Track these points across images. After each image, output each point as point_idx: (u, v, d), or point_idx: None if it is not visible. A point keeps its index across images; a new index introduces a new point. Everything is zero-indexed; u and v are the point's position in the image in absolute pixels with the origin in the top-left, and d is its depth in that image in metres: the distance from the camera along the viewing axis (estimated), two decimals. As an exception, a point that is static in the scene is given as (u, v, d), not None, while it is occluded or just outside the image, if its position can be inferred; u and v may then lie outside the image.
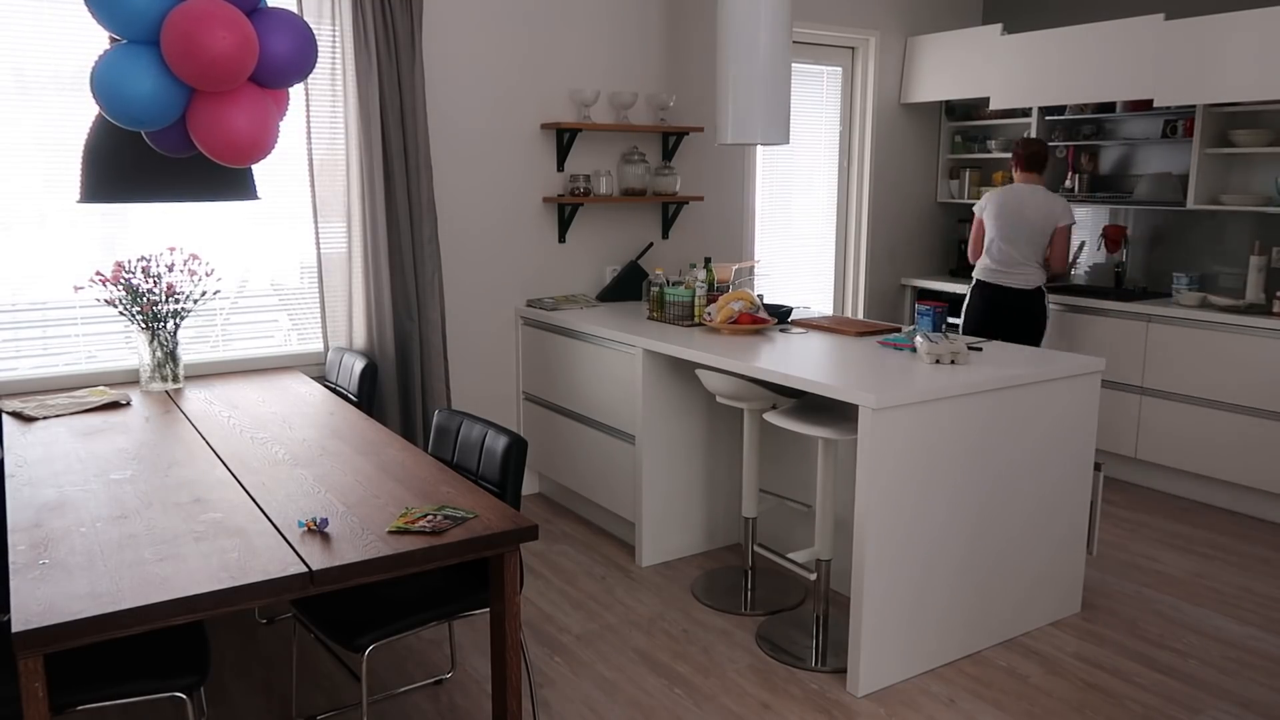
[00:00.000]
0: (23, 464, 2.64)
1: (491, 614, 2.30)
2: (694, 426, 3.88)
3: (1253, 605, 3.52)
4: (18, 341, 3.50)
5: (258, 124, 2.31)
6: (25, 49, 3.36)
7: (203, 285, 3.75)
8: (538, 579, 3.73)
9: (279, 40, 2.33)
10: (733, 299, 3.77)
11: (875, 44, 5.56)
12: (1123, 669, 3.06)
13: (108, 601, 1.79)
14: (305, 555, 2.01)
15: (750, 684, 2.96)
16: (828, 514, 3.11)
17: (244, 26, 2.20)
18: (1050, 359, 3.24)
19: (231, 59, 2.18)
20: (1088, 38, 4.93)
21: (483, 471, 2.63)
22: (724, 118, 3.89)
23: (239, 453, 2.74)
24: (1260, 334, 4.26)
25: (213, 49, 2.14)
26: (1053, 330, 5.07)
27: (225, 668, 3.05)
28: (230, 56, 2.17)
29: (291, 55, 2.35)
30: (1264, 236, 4.73)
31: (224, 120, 2.27)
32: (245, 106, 2.29)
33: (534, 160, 4.48)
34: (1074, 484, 3.32)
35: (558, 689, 2.94)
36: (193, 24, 2.13)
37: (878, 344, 3.52)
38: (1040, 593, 3.30)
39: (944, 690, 2.93)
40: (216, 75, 2.19)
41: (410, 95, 3.94)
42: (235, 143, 2.29)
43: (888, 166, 5.76)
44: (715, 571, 3.79)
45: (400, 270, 4.03)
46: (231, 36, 2.16)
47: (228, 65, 2.18)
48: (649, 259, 4.89)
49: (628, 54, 4.68)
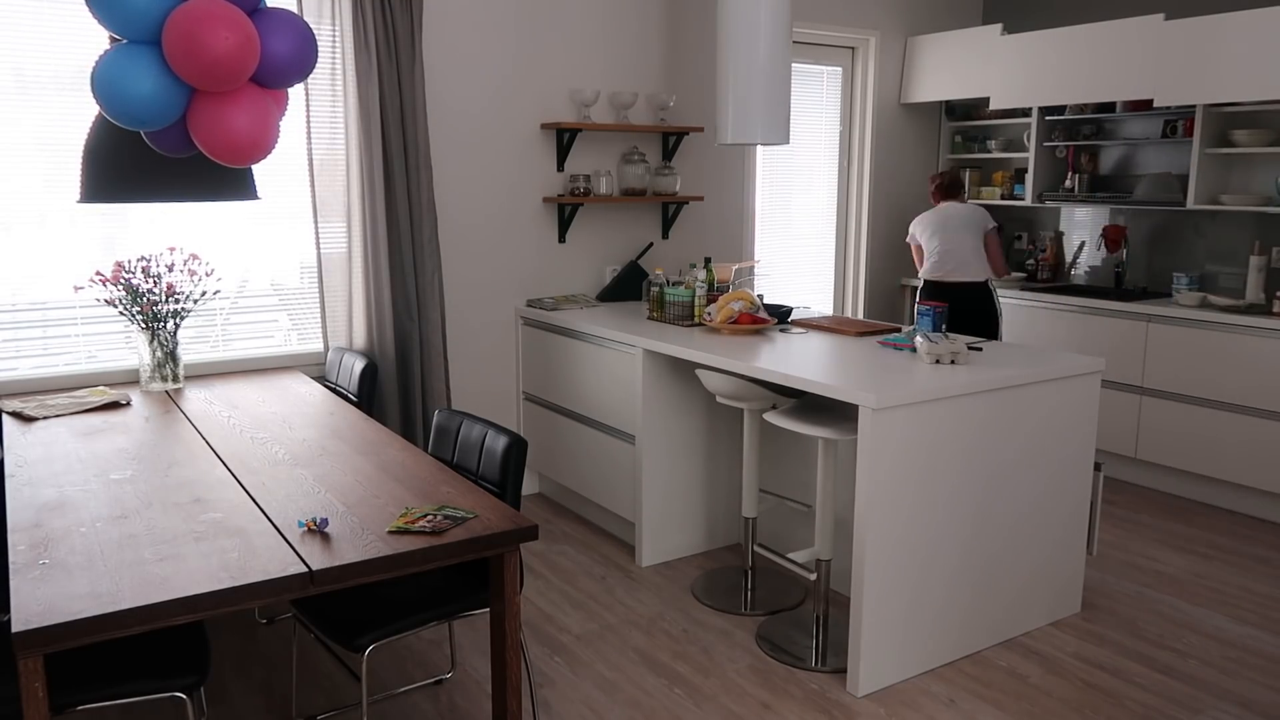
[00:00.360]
0: (23, 464, 2.64)
1: (491, 614, 2.30)
2: (694, 426, 3.88)
3: (1253, 605, 3.52)
4: (18, 341, 3.50)
5: (258, 124, 2.31)
6: (25, 49, 3.36)
7: (203, 285, 3.75)
8: (538, 579, 3.73)
9: (280, 40, 2.33)
10: (733, 299, 3.77)
11: (875, 44, 5.56)
12: (1123, 669, 3.06)
13: (108, 601, 1.79)
14: (305, 555, 2.01)
15: (750, 684, 2.97)
16: (828, 514, 3.11)
17: (246, 26, 2.20)
18: (1050, 359, 3.25)
19: (233, 59, 2.18)
20: (1087, 38, 4.93)
21: (483, 471, 2.63)
22: (724, 118, 3.89)
23: (239, 453, 2.74)
24: (1260, 334, 4.27)
25: (215, 49, 2.14)
26: (1053, 330, 5.08)
27: (225, 668, 3.05)
28: (232, 57, 2.17)
29: (292, 55, 2.35)
30: (1264, 236, 4.74)
31: (225, 120, 2.27)
32: (246, 106, 2.29)
33: (534, 160, 4.48)
34: (1074, 484, 3.32)
35: (558, 689, 2.94)
36: (195, 24, 2.13)
37: (878, 344, 3.52)
38: (1040, 593, 3.30)
39: (944, 690, 2.93)
40: (218, 75, 2.19)
41: (410, 95, 3.94)
42: (236, 143, 2.29)
43: (887, 166, 5.76)
44: (715, 571, 3.79)
45: (400, 270, 4.03)
46: (234, 37, 2.16)
47: (230, 65, 2.18)
48: (649, 259, 4.89)
49: (628, 54, 4.68)
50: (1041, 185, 5.45)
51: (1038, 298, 5.16)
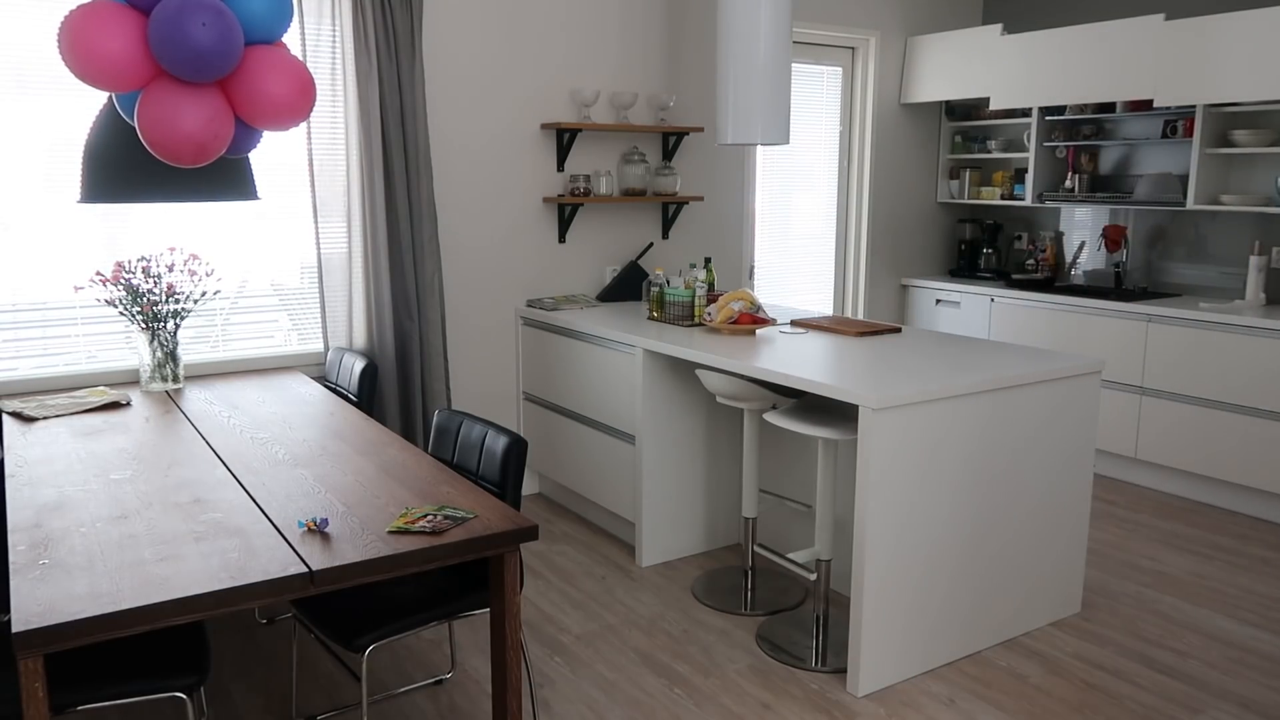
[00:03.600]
0: (23, 464, 2.64)
1: (491, 614, 2.30)
2: (694, 426, 3.88)
3: (1253, 605, 3.52)
4: (18, 341, 3.50)
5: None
6: (25, 49, 3.36)
7: (203, 285, 3.75)
8: (538, 579, 3.73)
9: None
10: (733, 299, 3.78)
11: (875, 44, 5.56)
12: (1123, 669, 3.06)
13: (108, 602, 1.79)
14: (305, 555, 2.01)
15: (750, 684, 2.96)
16: (828, 514, 3.11)
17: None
18: (1050, 359, 3.25)
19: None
20: (1087, 38, 4.93)
21: (483, 471, 2.63)
22: (724, 118, 3.89)
23: (239, 453, 2.74)
24: (1260, 334, 4.26)
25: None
26: (1053, 330, 5.08)
27: (225, 668, 3.05)
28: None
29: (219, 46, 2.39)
30: (1264, 236, 4.74)
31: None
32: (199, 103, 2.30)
33: (534, 160, 4.48)
34: (1074, 484, 3.32)
35: (558, 689, 2.94)
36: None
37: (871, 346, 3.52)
38: (1040, 593, 3.30)
39: (944, 690, 2.93)
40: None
41: (410, 95, 3.94)
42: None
43: (888, 166, 5.76)
44: (715, 571, 3.79)
45: (400, 270, 4.03)
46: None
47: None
48: (649, 259, 4.89)
49: (628, 54, 4.68)
50: (1042, 185, 5.45)
51: (1038, 298, 5.16)
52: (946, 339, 3.60)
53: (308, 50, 3.77)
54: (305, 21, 3.75)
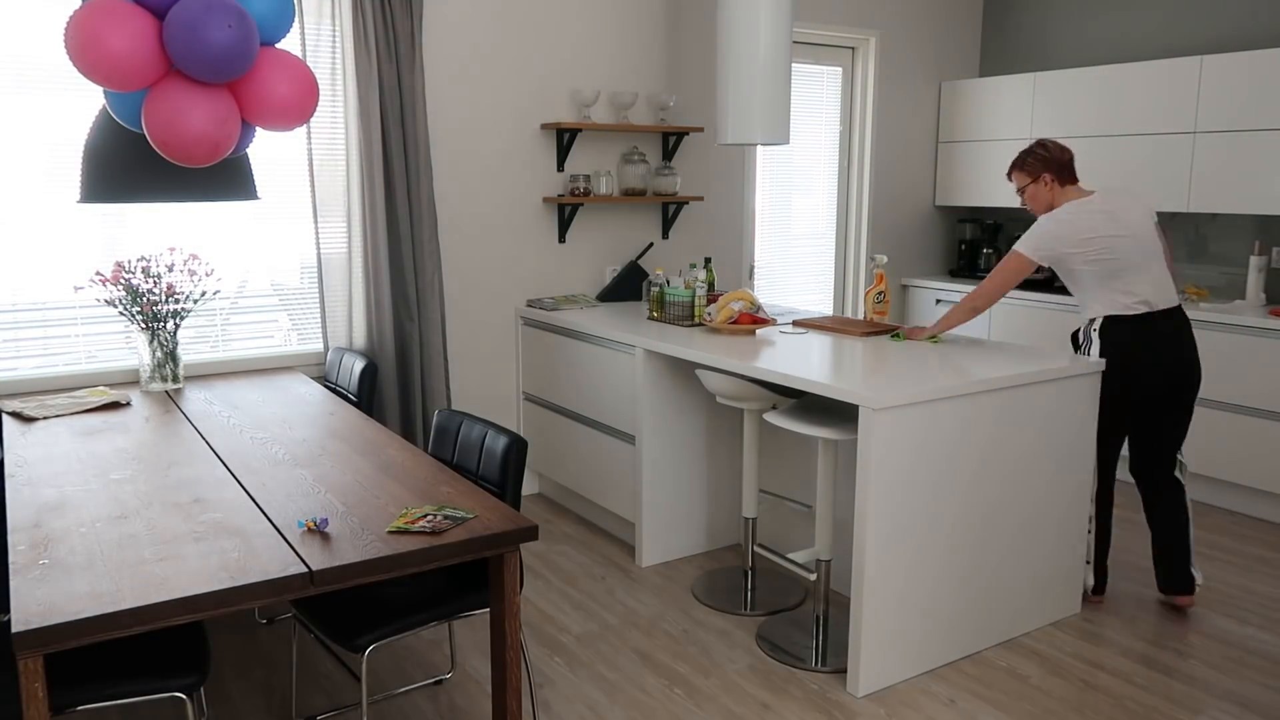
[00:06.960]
0: (23, 464, 2.64)
1: (491, 614, 2.30)
2: (694, 426, 3.88)
3: (1253, 605, 3.52)
4: (18, 341, 3.50)
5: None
6: (25, 48, 3.36)
7: (202, 285, 3.74)
8: (538, 579, 3.73)
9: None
10: (733, 299, 3.77)
11: (875, 44, 5.55)
12: (1123, 669, 3.06)
13: (108, 601, 1.79)
14: (305, 555, 2.01)
15: (750, 684, 2.96)
16: (828, 514, 3.11)
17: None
18: (1050, 359, 3.24)
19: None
20: (1118, 76, 4.92)
21: (483, 472, 2.63)
22: (724, 118, 3.89)
23: (239, 453, 2.74)
24: (1260, 334, 4.26)
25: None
26: (1054, 330, 5.07)
27: (225, 668, 3.05)
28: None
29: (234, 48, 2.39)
30: (1264, 236, 4.73)
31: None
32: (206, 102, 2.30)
33: (534, 160, 4.48)
34: (1074, 484, 3.32)
35: (558, 689, 2.94)
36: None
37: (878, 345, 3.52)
38: (1040, 593, 3.30)
39: (944, 690, 2.93)
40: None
41: (410, 95, 3.94)
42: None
43: (888, 166, 5.76)
44: (715, 571, 3.79)
45: (400, 270, 4.03)
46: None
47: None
48: (649, 259, 4.89)
49: (628, 54, 4.68)
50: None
51: (1038, 298, 5.15)
52: (947, 339, 3.60)
53: (308, 50, 3.77)
54: (305, 22, 3.75)
